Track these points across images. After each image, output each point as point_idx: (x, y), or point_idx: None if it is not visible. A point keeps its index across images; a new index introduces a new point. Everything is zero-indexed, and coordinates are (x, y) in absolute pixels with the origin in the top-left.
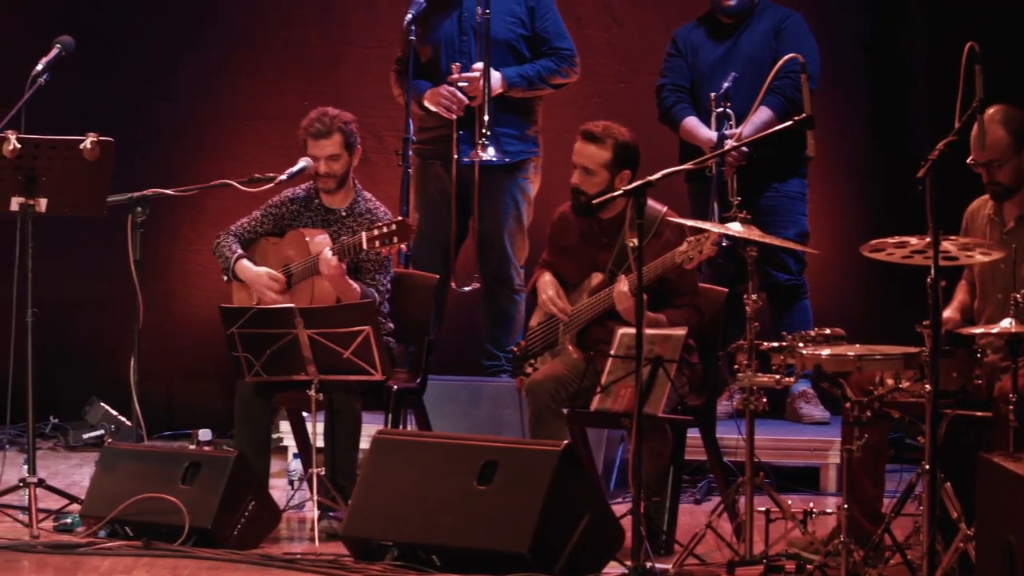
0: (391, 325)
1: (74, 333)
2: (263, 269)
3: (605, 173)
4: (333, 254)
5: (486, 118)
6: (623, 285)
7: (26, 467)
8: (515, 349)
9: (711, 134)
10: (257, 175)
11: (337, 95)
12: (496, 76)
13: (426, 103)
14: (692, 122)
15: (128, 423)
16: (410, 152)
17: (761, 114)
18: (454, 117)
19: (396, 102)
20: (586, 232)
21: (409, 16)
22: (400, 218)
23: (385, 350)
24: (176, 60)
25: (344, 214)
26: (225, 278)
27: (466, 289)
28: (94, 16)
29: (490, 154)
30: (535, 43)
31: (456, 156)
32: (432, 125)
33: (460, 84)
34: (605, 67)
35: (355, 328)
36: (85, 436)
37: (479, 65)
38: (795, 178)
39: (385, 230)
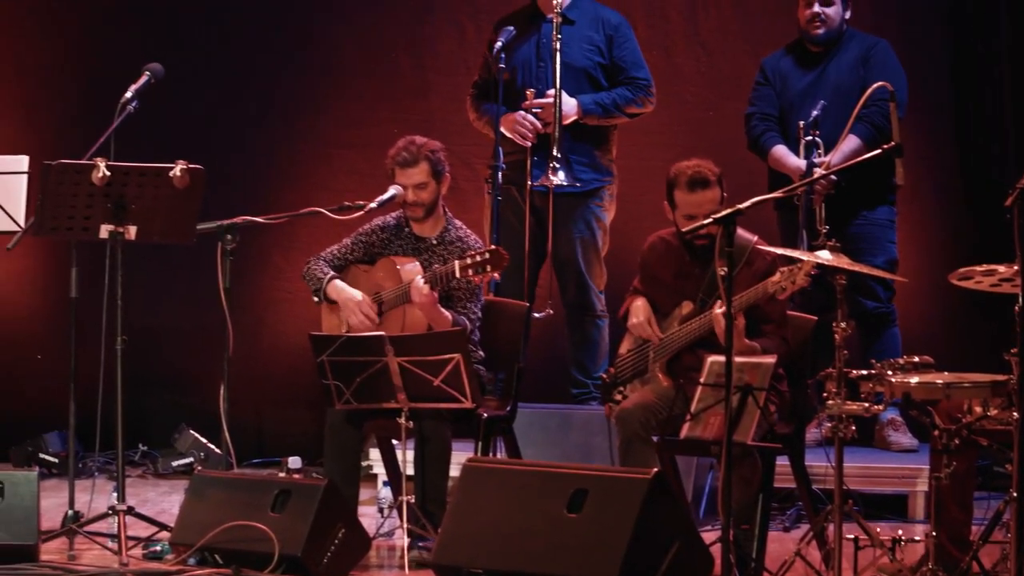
0: (481, 353)
1: (164, 360)
2: (359, 293)
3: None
4: (425, 282)
5: (557, 142)
6: (720, 308)
7: (115, 494)
8: (604, 376)
9: (800, 162)
10: (347, 203)
11: (426, 123)
12: (571, 103)
13: (501, 129)
14: (781, 151)
15: (218, 451)
16: (500, 179)
17: (849, 142)
18: (528, 143)
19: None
20: (677, 261)
21: (499, 44)
22: (494, 247)
23: (475, 378)
24: (266, 88)
25: (435, 242)
26: (316, 300)
27: (537, 315)
28: (183, 43)
29: (560, 179)
30: (612, 71)
31: (529, 182)
32: (508, 150)
33: (534, 110)
34: (694, 95)
35: (445, 356)
36: (174, 463)
37: (553, 91)
38: (884, 206)
39: (478, 258)
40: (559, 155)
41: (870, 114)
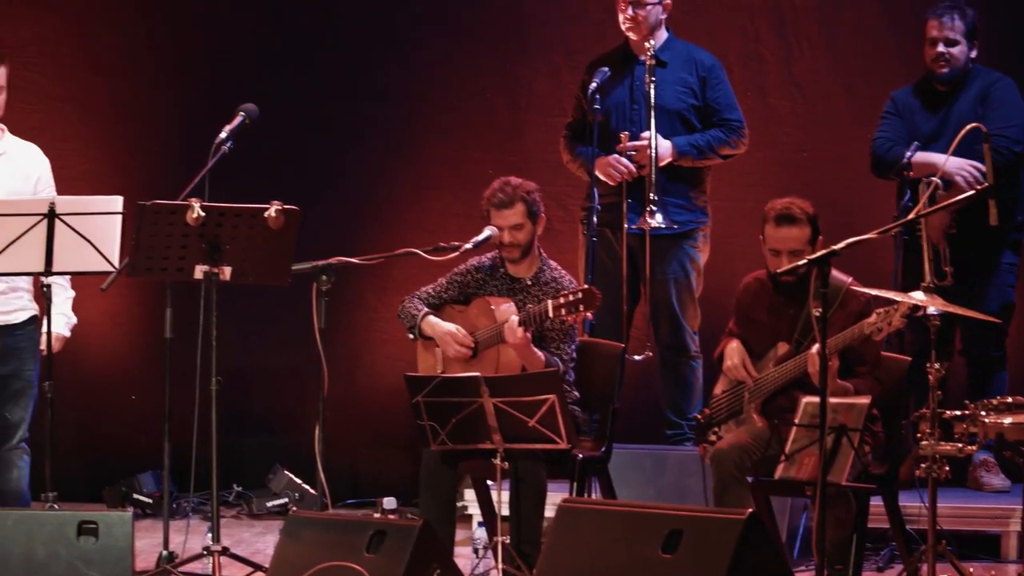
0: (576, 393)
1: (258, 401)
2: (452, 325)
3: (809, 249)
4: (519, 323)
5: (653, 185)
6: (815, 349)
7: (210, 535)
8: (699, 417)
9: (943, 156)
10: (442, 244)
11: (521, 164)
12: (666, 145)
13: (596, 172)
14: (919, 155)
15: (312, 491)
16: (595, 220)
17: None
18: (613, 183)
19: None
20: (772, 303)
21: (594, 84)
22: (586, 286)
23: (570, 418)
24: (360, 129)
25: (529, 283)
26: (411, 336)
27: (638, 358)
28: (277, 85)
29: (658, 221)
30: (706, 113)
31: (625, 224)
32: (602, 192)
33: (629, 152)
34: (787, 136)
35: (541, 397)
36: (269, 504)
37: (648, 134)
38: (1006, 249)
39: (571, 298)
40: (655, 198)
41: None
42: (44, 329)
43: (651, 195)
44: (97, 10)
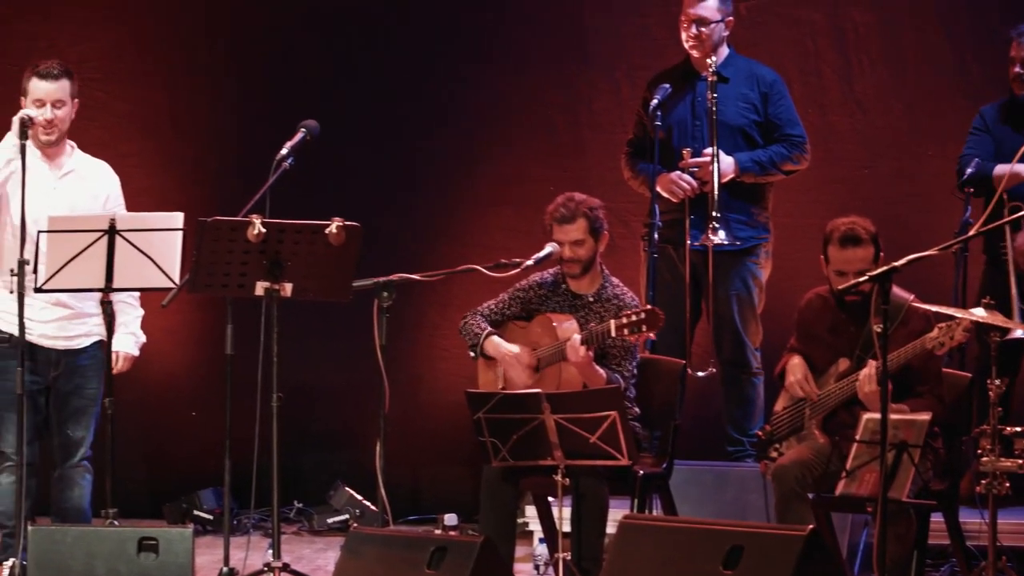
0: (637, 410)
1: (319, 417)
2: (516, 346)
3: (874, 268)
4: (581, 341)
5: (716, 201)
6: (870, 369)
7: (271, 552)
8: (760, 433)
9: None
10: (503, 260)
11: (582, 180)
12: (728, 161)
13: (658, 188)
14: (1002, 167)
15: (373, 508)
16: (656, 237)
17: None
18: (676, 200)
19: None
20: (834, 319)
21: (655, 101)
22: (650, 307)
23: (631, 435)
24: (422, 146)
25: (591, 299)
26: (472, 355)
27: (700, 374)
28: (338, 101)
29: (721, 238)
30: (767, 129)
31: (688, 241)
32: (663, 209)
33: (691, 169)
34: (848, 152)
35: (602, 413)
36: (330, 521)
37: (710, 150)
38: None
39: (634, 318)
40: (718, 214)
41: None
42: (115, 347)
43: (714, 212)
44: (159, 26)
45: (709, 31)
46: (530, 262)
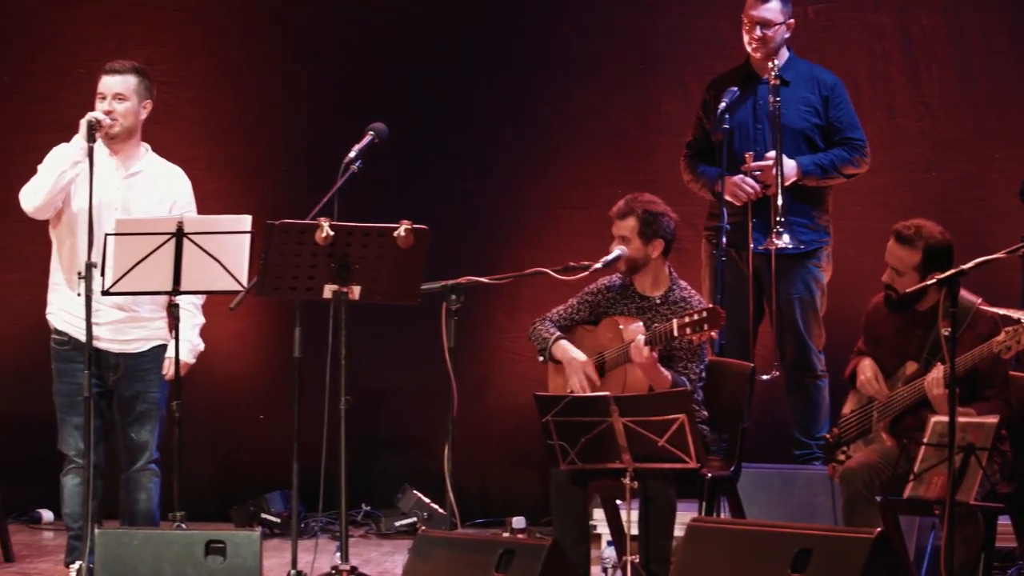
0: (705, 413)
1: (387, 420)
2: (583, 355)
3: (915, 275)
4: (645, 342)
5: (780, 204)
6: (937, 372)
7: (339, 555)
8: (828, 436)
9: None
10: (572, 263)
11: (651, 183)
12: (791, 164)
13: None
14: None
15: (441, 511)
16: (724, 240)
17: None
18: (739, 203)
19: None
20: (901, 322)
21: (723, 104)
22: (711, 306)
23: (700, 438)
24: (490, 149)
25: (659, 302)
26: (541, 359)
27: (764, 377)
28: (407, 105)
29: (785, 242)
30: (828, 132)
31: (751, 244)
32: (729, 212)
33: (754, 172)
34: (915, 155)
35: (670, 416)
36: (397, 524)
37: (772, 153)
38: None
39: (696, 317)
40: (783, 218)
41: None
42: (168, 353)
43: (778, 216)
44: (226, 30)
45: (772, 33)
46: (598, 265)
